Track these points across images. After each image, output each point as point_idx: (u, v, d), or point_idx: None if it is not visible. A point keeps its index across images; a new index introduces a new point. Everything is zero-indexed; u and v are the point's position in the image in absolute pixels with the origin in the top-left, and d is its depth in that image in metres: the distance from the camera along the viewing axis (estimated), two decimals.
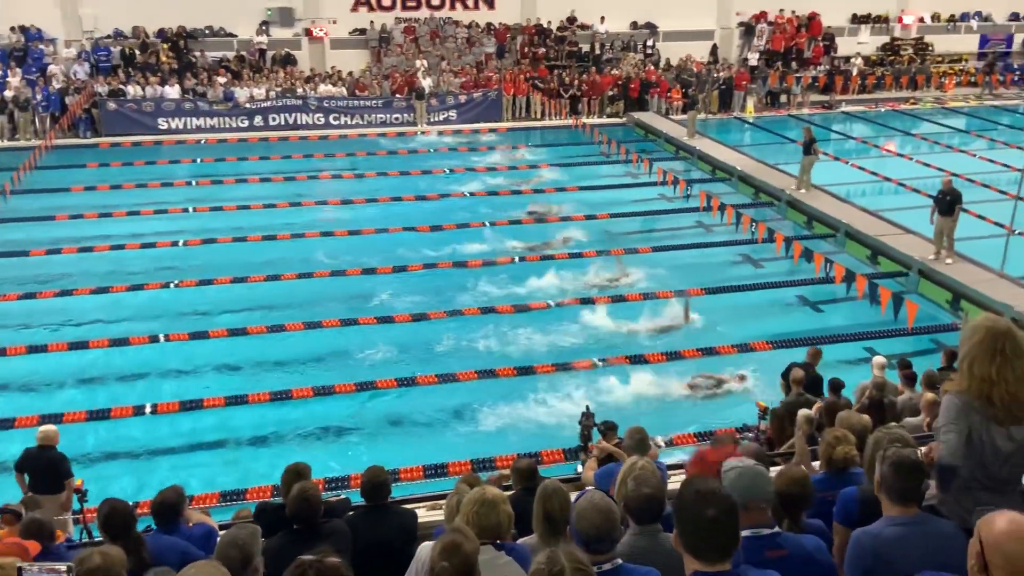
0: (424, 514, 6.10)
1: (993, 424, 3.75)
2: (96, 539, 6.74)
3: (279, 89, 27.36)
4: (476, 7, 31.05)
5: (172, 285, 15.74)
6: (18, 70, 26.16)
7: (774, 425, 9.52)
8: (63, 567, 3.18)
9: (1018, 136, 27.03)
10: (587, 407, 8.78)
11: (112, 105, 25.81)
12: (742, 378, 12.48)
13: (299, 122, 27.05)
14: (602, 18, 31.49)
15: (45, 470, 8.49)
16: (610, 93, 29.52)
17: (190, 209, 20.01)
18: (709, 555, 2.94)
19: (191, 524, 5.57)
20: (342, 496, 6.44)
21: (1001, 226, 16.87)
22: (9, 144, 24.96)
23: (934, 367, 10.32)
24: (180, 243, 17.84)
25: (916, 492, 3.68)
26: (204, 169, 23.49)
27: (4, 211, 19.42)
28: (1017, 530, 2.66)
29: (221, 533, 4.44)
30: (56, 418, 11.27)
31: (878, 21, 34.39)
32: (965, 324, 3.98)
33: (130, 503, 5.03)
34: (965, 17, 35.10)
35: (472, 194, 21.32)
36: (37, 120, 25.64)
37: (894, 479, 3.64)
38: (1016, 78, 33.89)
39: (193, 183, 22.16)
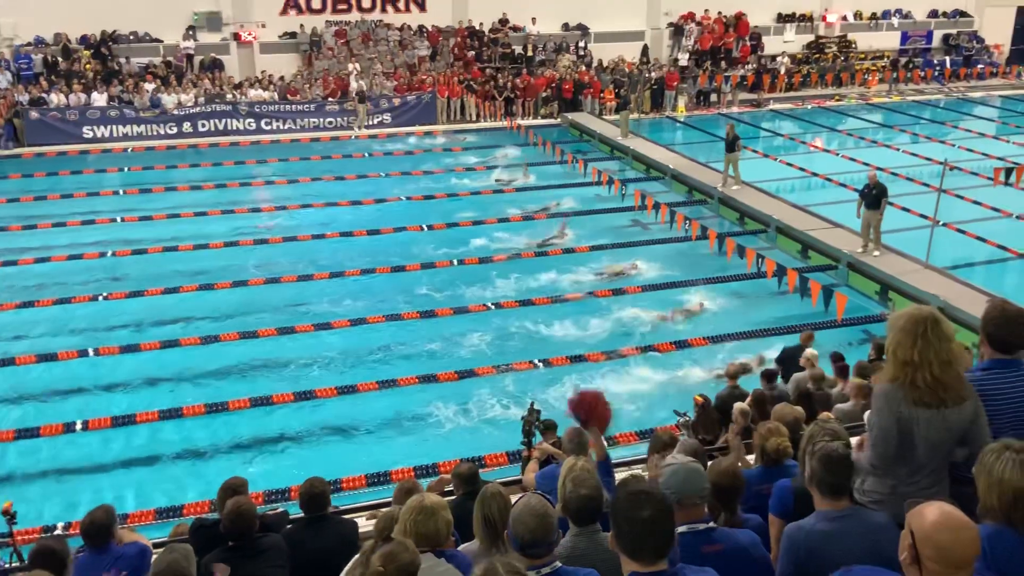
0: (365, 523, 6.03)
1: (921, 409, 3.83)
2: (26, 563, 6.54)
3: (208, 95, 26.85)
4: (407, 9, 30.89)
5: (101, 297, 15.34)
6: None
7: (703, 419, 9.65)
8: None
9: (939, 130, 27.94)
10: (532, 403, 8.77)
11: (35, 114, 25.04)
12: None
13: (229, 128, 26.58)
14: (533, 20, 31.61)
15: None
16: (544, 94, 29.66)
17: (118, 219, 19.51)
18: (645, 555, 2.96)
19: (123, 543, 5.42)
20: (280, 509, 6.34)
21: (926, 218, 17.38)
22: None
23: (865, 358, 10.62)
24: (109, 254, 17.39)
25: (845, 486, 3.75)
26: (132, 178, 22.92)
27: None
28: (947, 521, 2.71)
29: (156, 554, 4.33)
30: None
31: (803, 20, 35.18)
32: (891, 314, 4.07)
33: (67, 545, 4.85)
34: (886, 15, 36.11)
35: (409, 198, 21.20)
36: None
37: (823, 473, 3.70)
38: (936, 73, 34.95)
39: (121, 192, 21.60)
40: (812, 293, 14.44)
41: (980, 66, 35.45)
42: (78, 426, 11.41)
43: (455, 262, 17.11)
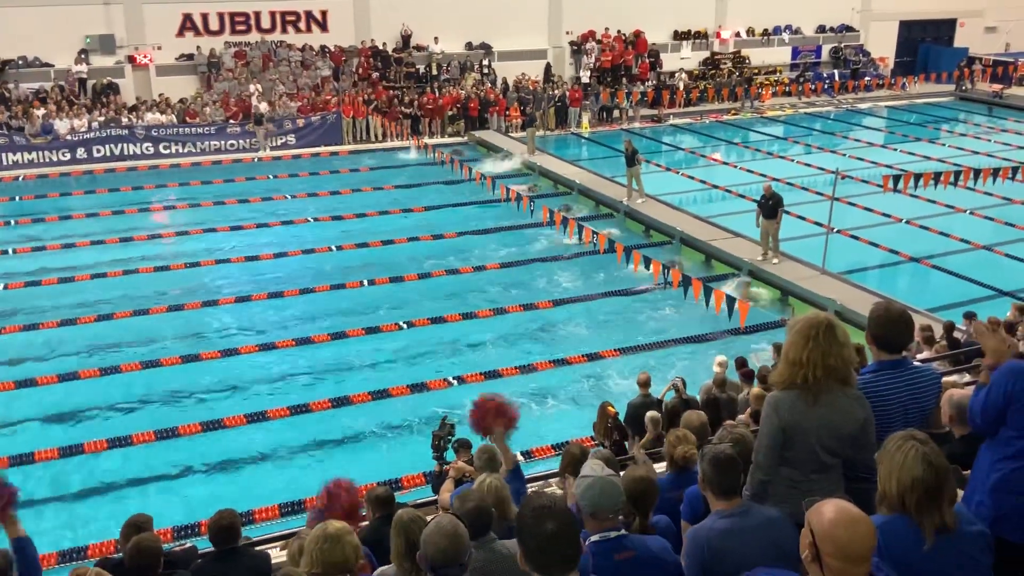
0: (278, 554, 5.92)
1: (807, 409, 3.98)
2: None
3: (102, 119, 26.02)
4: (308, 30, 30.58)
5: None
6: None
7: (599, 426, 9.81)
8: None
9: (831, 140, 29.10)
10: (444, 418, 8.72)
11: None
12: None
13: (126, 153, 25.76)
14: (436, 39, 31.68)
15: None
16: (450, 113, 29.74)
17: (10, 251, 18.70)
18: (554, 570, 2.97)
19: None
20: (188, 544, 6.16)
21: (821, 225, 18.03)
22: None
23: (768, 364, 10.95)
24: (1, 287, 16.64)
25: (735, 485, 3.90)
26: (24, 207, 22.02)
27: None
28: (844, 517, 2.80)
29: None
30: None
31: (698, 37, 36.20)
32: (790, 320, 4.24)
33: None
34: (777, 30, 37.46)
35: (316, 219, 20.94)
36: None
37: (713, 474, 3.87)
38: (826, 86, 36.41)
39: (12, 223, 20.71)
40: (716, 302, 14.83)
41: (867, 78, 37.08)
42: None
43: (365, 282, 16.96)
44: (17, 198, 22.73)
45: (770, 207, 16.66)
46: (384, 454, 11.34)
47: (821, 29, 38.20)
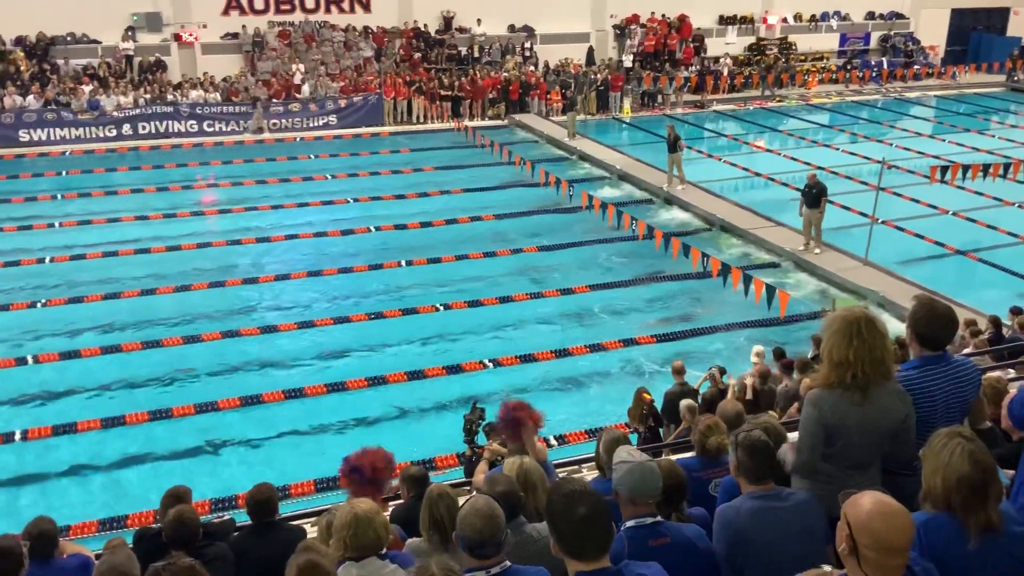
0: (312, 529, 5.97)
1: (853, 408, 3.94)
2: None
3: (148, 97, 26.35)
4: (352, 10, 30.66)
5: (39, 304, 14.96)
6: None
7: (634, 411, 9.79)
8: None
9: (877, 129, 28.59)
10: (475, 402, 8.76)
11: None
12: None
13: (171, 130, 26.11)
14: (479, 21, 31.61)
15: None
16: (491, 96, 29.68)
17: (56, 224, 19.05)
18: (587, 553, 2.99)
19: (65, 556, 5.29)
20: (226, 517, 6.25)
21: (865, 215, 17.77)
22: None
23: (807, 353, 10.83)
24: (47, 260, 16.95)
25: (770, 470, 3.92)
26: (70, 182, 22.40)
27: None
28: (882, 509, 2.77)
29: (96, 562, 4.23)
30: None
31: (744, 22, 35.71)
32: (828, 314, 4.19)
33: (21, 543, 4.70)
34: (825, 16, 36.83)
35: (356, 200, 21.05)
36: None
37: (748, 460, 3.89)
38: (874, 74, 35.75)
39: (59, 197, 21.10)
40: (755, 291, 14.67)
41: (916, 67, 36.34)
42: (17, 436, 11.11)
43: (403, 263, 17.03)
44: (64, 173, 23.13)
45: (813, 196, 16.43)
46: (418, 434, 11.38)
47: (870, 16, 37.49)
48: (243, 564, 5.06)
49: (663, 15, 33.78)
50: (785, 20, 36.24)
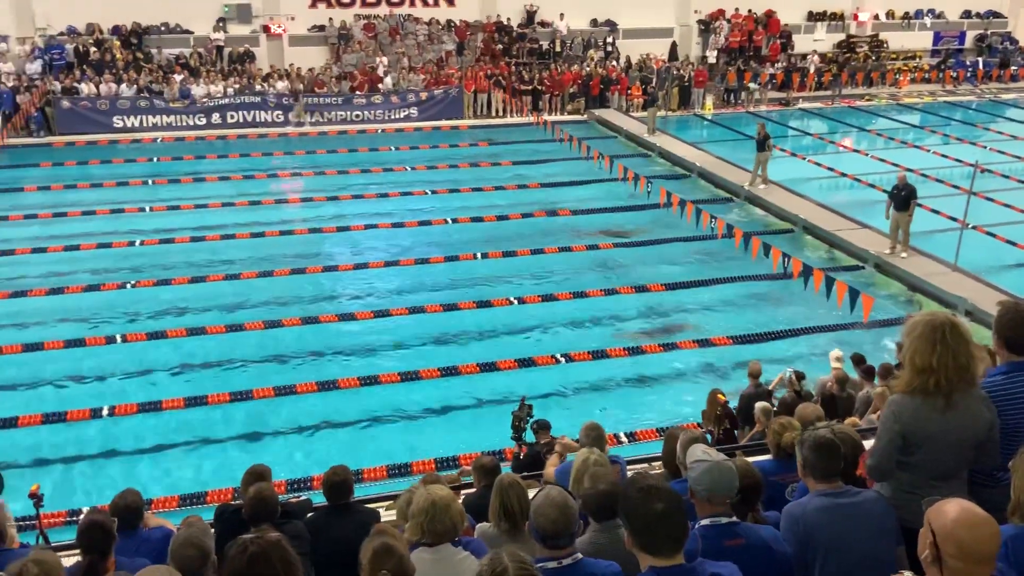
0: (386, 514, 6.07)
1: (935, 416, 3.83)
2: (53, 544, 6.63)
3: (236, 86, 27.04)
4: (436, 4, 30.92)
5: (129, 285, 15.51)
6: None
7: (708, 412, 9.67)
8: None
9: (971, 131, 27.60)
10: (523, 399, 8.81)
11: (66, 103, 25.32)
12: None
13: (257, 119, 26.76)
14: (562, 15, 31.55)
15: None
16: (571, 90, 29.60)
17: (147, 208, 19.72)
18: (662, 549, 2.98)
19: (149, 528, 5.49)
20: (303, 497, 6.40)
21: (955, 220, 17.19)
22: None
23: (890, 360, 10.53)
24: (137, 243, 17.57)
25: (837, 469, 3.91)
26: (161, 168, 23.15)
27: None
28: (968, 517, 2.70)
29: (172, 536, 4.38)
30: (10, 421, 11.09)
31: (834, 18, 34.86)
32: (910, 318, 4.10)
33: (111, 518, 4.90)
34: (919, 14, 35.69)
35: (434, 191, 21.26)
36: None
37: (816, 459, 3.88)
38: (968, 75, 34.51)
39: (150, 182, 21.83)
40: (838, 294, 14.32)
41: (1014, 68, 34.93)
42: (104, 411, 11.54)
43: (478, 256, 17.14)
44: (155, 159, 23.91)
45: (902, 198, 15.96)
46: (488, 425, 11.42)
47: (966, 14, 36.20)
48: (318, 543, 5.17)
49: (749, 10, 33.20)
50: (877, 17, 35.24)
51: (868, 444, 4.87)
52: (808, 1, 34.38)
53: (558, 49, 31.41)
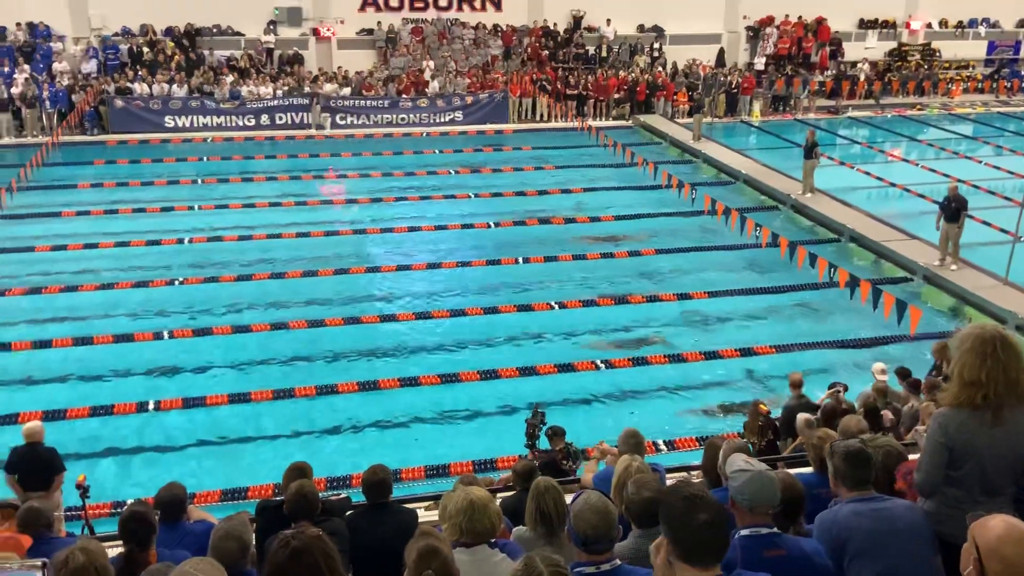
0: (424, 514, 6.11)
1: (983, 430, 3.77)
2: (97, 535, 6.77)
3: (285, 88, 27.40)
4: (483, 8, 31.06)
5: (177, 282, 15.79)
6: (26, 67, 26.20)
7: (751, 423, 9.54)
8: (38, 563, 3.11)
9: None
10: (536, 406, 8.79)
11: (119, 103, 25.86)
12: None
13: (305, 121, 27.08)
14: (608, 21, 31.50)
15: (37, 467, 8.41)
16: (616, 96, 29.52)
17: (196, 207, 20.06)
18: (703, 560, 2.95)
19: (192, 521, 5.59)
20: (343, 495, 6.45)
21: (1007, 233, 16.83)
22: (16, 141, 25.03)
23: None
24: (185, 240, 17.88)
25: (868, 477, 3.95)
26: (210, 167, 23.53)
27: (11, 207, 19.46)
28: (1013, 533, 2.66)
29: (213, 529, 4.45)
30: (59, 414, 11.35)
31: (885, 26, 34.34)
32: (959, 331, 4.05)
33: (152, 510, 5.00)
34: (973, 23, 35.01)
35: (477, 195, 21.33)
36: (44, 117, 25.69)
37: (846, 468, 3.92)
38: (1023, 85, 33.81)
39: (199, 181, 22.20)
40: (885, 306, 14.09)
41: None
42: (150, 406, 11.75)
43: (520, 260, 17.16)
44: (204, 159, 24.31)
45: (953, 210, 15.67)
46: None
47: (1022, 24, 35.42)
48: (356, 542, 5.21)
49: (799, 17, 32.84)
50: (929, 25, 34.65)
51: (913, 459, 4.80)
52: (859, 8, 33.90)
53: (604, 54, 31.35)
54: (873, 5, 33.87)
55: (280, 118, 26.92)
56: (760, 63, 31.91)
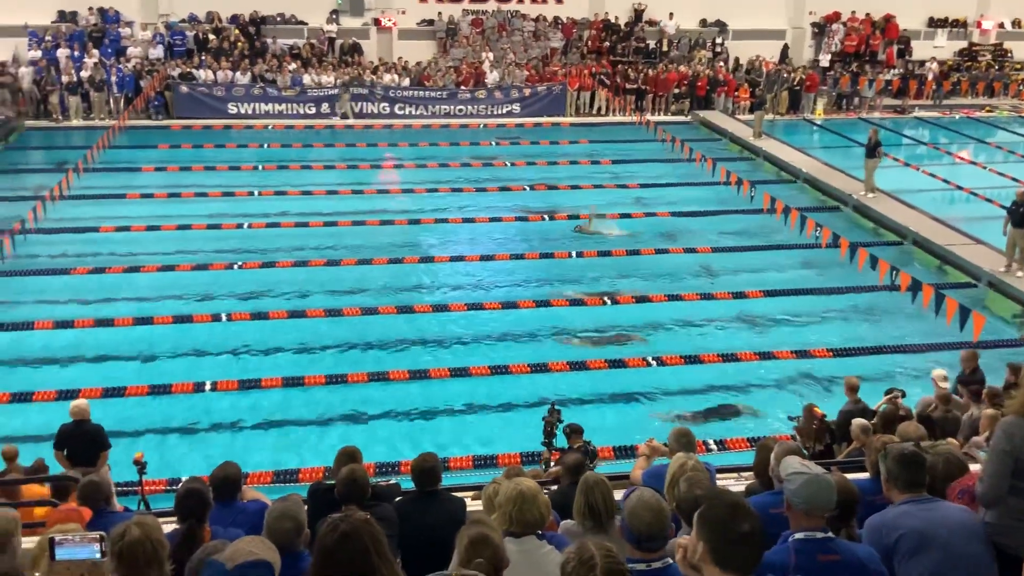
0: (472, 503, 6.13)
1: None
2: (154, 511, 6.93)
3: (346, 78, 27.66)
4: (544, 1, 30.98)
5: (236, 266, 16.06)
6: (95, 51, 26.87)
7: (805, 428, 9.38)
8: (95, 535, 3.19)
9: None
10: (552, 404, 8.75)
11: (184, 88, 26.36)
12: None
13: (364, 111, 27.30)
14: (671, 14, 31.18)
15: (84, 444, 8.62)
16: (676, 91, 29.21)
17: (255, 193, 20.37)
18: (741, 569, 2.94)
19: (245, 500, 5.68)
20: (393, 481, 6.50)
21: None
22: (84, 123, 25.67)
23: (998, 382, 10.05)
24: (245, 225, 18.18)
25: (921, 480, 3.91)
26: (270, 154, 23.88)
27: (77, 188, 19.97)
28: None
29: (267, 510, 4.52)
30: (118, 391, 11.62)
31: (956, 25, 33.45)
32: None
33: (207, 487, 5.11)
34: None
35: (532, 187, 21.31)
36: (111, 101, 26.31)
37: (899, 470, 3.89)
38: None
39: (259, 167, 22.54)
40: (947, 311, 13.75)
41: None
42: (207, 386, 11.98)
43: (573, 254, 17.11)
44: (265, 145, 24.67)
45: (1021, 215, 15.21)
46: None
47: None
48: (405, 528, 5.25)
49: (867, 14, 32.14)
50: (1002, 25, 33.65)
51: (974, 468, 4.68)
52: (929, 7, 33.08)
53: (665, 48, 31.04)
54: (944, 4, 33.04)
55: (339, 107, 27.15)
56: (825, 60, 31.32)
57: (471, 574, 2.97)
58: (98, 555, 3.13)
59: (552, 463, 8.30)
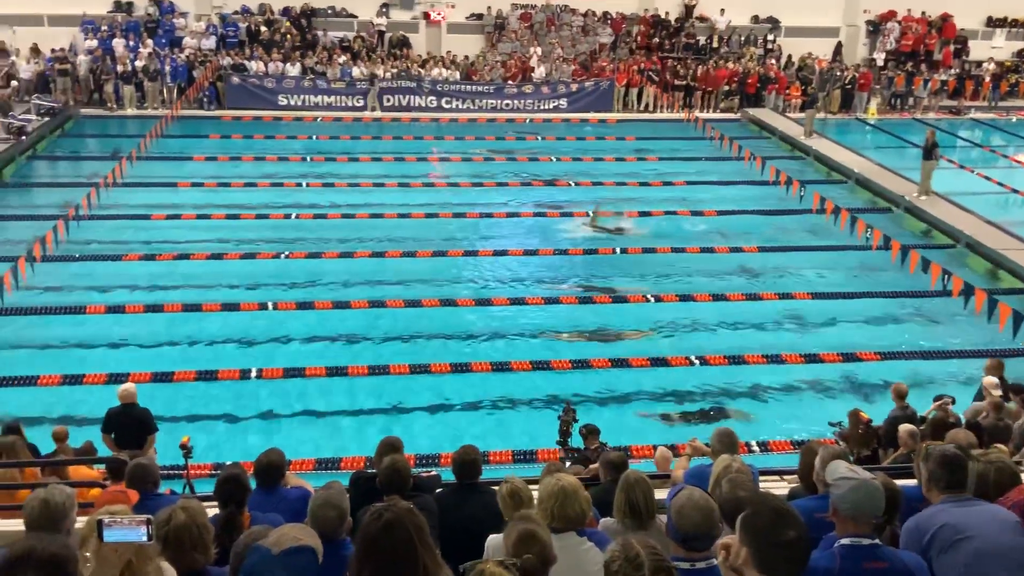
0: None
1: None
2: (198, 495, 7.03)
3: (394, 71, 27.80)
4: None
5: (283, 256, 16.25)
6: (149, 41, 27.32)
7: (853, 433, 9.22)
8: (143, 518, 3.25)
9: None
10: (567, 403, 8.68)
11: (236, 79, 26.68)
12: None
13: (412, 104, 27.42)
14: (722, 10, 30.82)
15: (131, 427, 8.76)
16: (726, 88, 28.87)
17: (304, 184, 20.57)
18: (784, 574, 2.92)
19: (288, 487, 5.73)
20: (433, 472, 6.53)
21: None
22: (138, 112, 26.15)
23: None
24: (292, 216, 18.37)
25: (962, 481, 3.90)
26: (319, 146, 24.08)
27: (130, 176, 20.34)
28: None
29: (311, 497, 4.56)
30: (166, 376, 11.83)
31: (1015, 25, 32.60)
32: None
33: (246, 473, 5.18)
34: None
35: (576, 183, 21.24)
36: (165, 90, 26.75)
37: (942, 472, 3.89)
38: None
39: (308, 159, 22.76)
40: (1000, 317, 13.43)
41: None
42: (253, 374, 12.14)
43: (616, 251, 17.03)
44: (314, 137, 24.91)
45: None
46: (616, 422, 11.31)
47: None
48: (445, 519, 5.26)
49: (923, 12, 31.48)
50: None
51: None
52: (988, 6, 32.26)
53: (715, 45, 30.70)
54: (1003, 3, 32.19)
55: (387, 100, 27.32)
56: (880, 59, 30.75)
57: (510, 560, 2.96)
58: (145, 538, 3.18)
59: (568, 464, 8.25)
